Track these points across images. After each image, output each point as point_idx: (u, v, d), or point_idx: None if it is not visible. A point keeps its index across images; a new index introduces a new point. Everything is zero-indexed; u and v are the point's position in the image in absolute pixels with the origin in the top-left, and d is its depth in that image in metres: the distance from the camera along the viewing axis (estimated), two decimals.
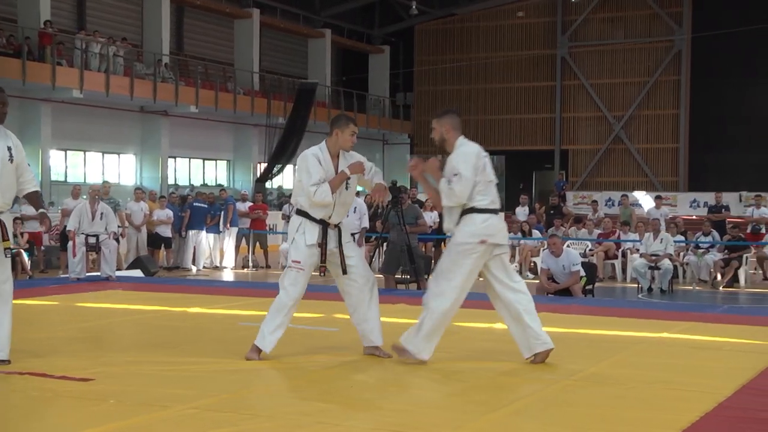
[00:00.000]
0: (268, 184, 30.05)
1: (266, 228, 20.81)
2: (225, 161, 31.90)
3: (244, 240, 20.15)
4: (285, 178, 33.56)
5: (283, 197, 28.01)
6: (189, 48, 31.17)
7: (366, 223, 13.96)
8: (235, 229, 19.58)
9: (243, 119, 30.61)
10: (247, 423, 4.62)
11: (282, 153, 29.58)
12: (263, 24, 32.86)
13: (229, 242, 19.50)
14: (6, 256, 6.20)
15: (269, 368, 6.06)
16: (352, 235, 13.71)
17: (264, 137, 30.11)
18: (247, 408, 4.95)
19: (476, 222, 6.18)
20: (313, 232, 6.39)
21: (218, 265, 19.40)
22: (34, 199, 6.57)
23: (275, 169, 30.07)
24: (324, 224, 6.43)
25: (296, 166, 6.51)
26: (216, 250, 19.46)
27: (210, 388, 5.42)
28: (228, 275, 18.41)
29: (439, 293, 6.24)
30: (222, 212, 19.33)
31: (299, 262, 6.40)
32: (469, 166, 6.17)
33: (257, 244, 20.13)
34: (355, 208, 13.91)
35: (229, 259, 19.49)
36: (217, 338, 7.32)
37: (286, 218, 12.91)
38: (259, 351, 6.34)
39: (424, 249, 16.87)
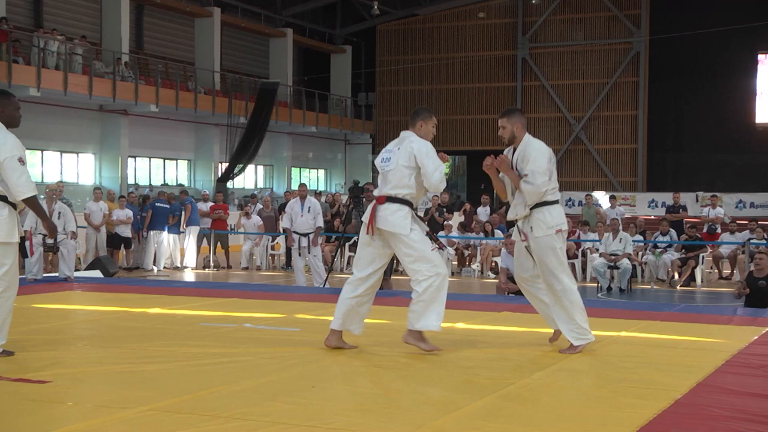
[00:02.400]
0: (229, 184, 29.91)
1: (227, 228, 20.72)
2: (186, 161, 31.69)
3: (205, 240, 20.06)
4: (246, 178, 33.42)
5: (246, 197, 27.83)
6: (149, 46, 30.92)
7: (320, 223, 13.94)
8: (195, 229, 19.48)
9: (204, 119, 30.43)
10: (206, 424, 4.59)
11: (243, 153, 29.46)
12: (224, 23, 32.71)
13: (190, 242, 19.40)
14: None
15: (229, 369, 6.03)
16: (307, 235, 13.80)
17: (225, 137, 29.97)
18: (206, 409, 4.92)
19: (553, 213, 6.79)
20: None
21: (179, 265, 19.28)
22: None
23: (236, 169, 29.94)
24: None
25: (419, 153, 6.62)
26: (177, 251, 19.35)
27: (169, 390, 5.38)
28: (189, 275, 18.30)
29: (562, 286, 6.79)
30: (182, 212, 19.22)
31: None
32: (546, 161, 6.76)
33: (218, 244, 20.04)
34: (309, 207, 13.87)
35: (190, 260, 19.39)
36: (177, 339, 7.27)
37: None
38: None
39: None
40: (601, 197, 27.01)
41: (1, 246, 6.42)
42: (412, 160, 6.62)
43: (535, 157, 6.74)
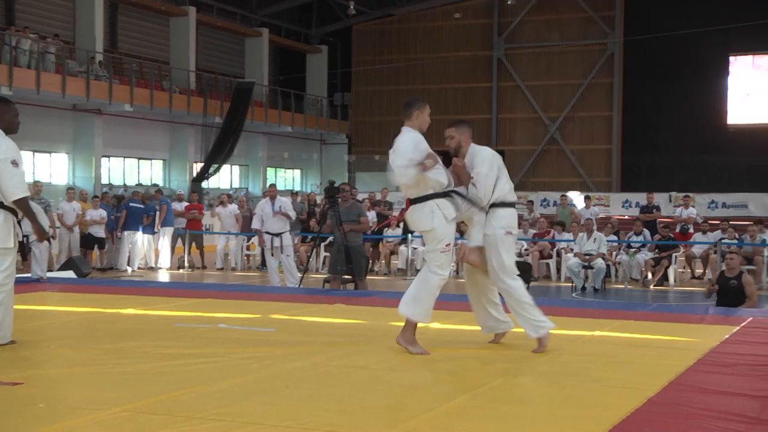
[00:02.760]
0: (204, 184, 29.79)
1: (202, 228, 20.64)
2: (160, 161, 31.54)
3: (179, 240, 19.97)
4: (221, 178, 33.31)
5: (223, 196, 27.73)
6: (123, 45, 30.76)
7: (293, 215, 13.94)
8: (170, 230, 19.40)
9: (179, 118, 30.31)
10: (181, 425, 4.58)
11: (218, 153, 29.33)
12: (199, 22, 32.59)
13: (164, 242, 19.31)
14: None
15: (204, 369, 6.01)
16: (279, 235, 13.79)
17: (200, 137, 29.83)
18: (181, 410, 4.90)
19: (506, 215, 6.99)
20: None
21: (153, 265, 19.18)
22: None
23: (212, 169, 29.81)
24: None
25: (396, 147, 6.69)
26: (151, 251, 19.25)
27: (143, 390, 5.36)
28: (163, 276, 18.22)
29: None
30: (156, 212, 19.13)
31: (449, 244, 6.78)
32: (487, 167, 6.92)
33: (193, 244, 19.97)
34: (280, 207, 13.85)
35: (165, 260, 19.30)
36: (151, 340, 7.24)
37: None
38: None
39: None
40: (576, 197, 27.15)
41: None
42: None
43: (478, 163, 6.93)
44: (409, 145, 6.62)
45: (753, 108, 32.88)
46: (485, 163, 6.90)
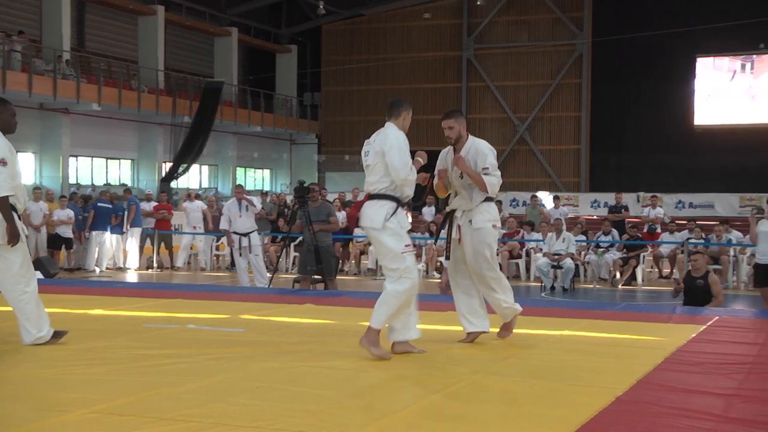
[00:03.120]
0: (173, 184, 29.64)
1: (171, 228, 20.53)
2: (129, 160, 31.33)
3: (148, 240, 19.85)
4: (190, 178, 33.14)
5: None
6: (91, 44, 30.51)
7: (259, 206, 13.93)
8: (138, 230, 19.28)
9: (147, 118, 30.11)
10: (150, 426, 4.55)
11: (188, 152, 29.23)
12: (168, 21, 32.39)
13: (133, 243, 19.18)
14: None
15: (173, 370, 5.98)
16: (247, 234, 13.75)
17: (169, 136, 29.68)
18: (150, 411, 4.87)
19: (492, 209, 7.27)
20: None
21: (122, 266, 19.05)
22: None
23: (181, 169, 29.69)
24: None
25: (389, 144, 6.58)
26: (119, 251, 19.12)
27: (112, 391, 5.32)
28: (132, 276, 18.10)
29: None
30: (125, 212, 19.00)
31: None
32: (494, 158, 7.18)
33: (162, 244, 19.85)
34: (247, 207, 13.81)
35: (133, 260, 19.18)
36: (120, 340, 7.19)
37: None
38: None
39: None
40: (545, 197, 27.30)
41: (3, 247, 6.73)
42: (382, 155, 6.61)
43: (487, 154, 7.11)
44: (404, 143, 6.61)
45: (718, 109, 33.24)
46: (493, 154, 7.15)
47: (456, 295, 7.36)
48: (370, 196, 6.70)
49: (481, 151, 7.12)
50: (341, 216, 17.96)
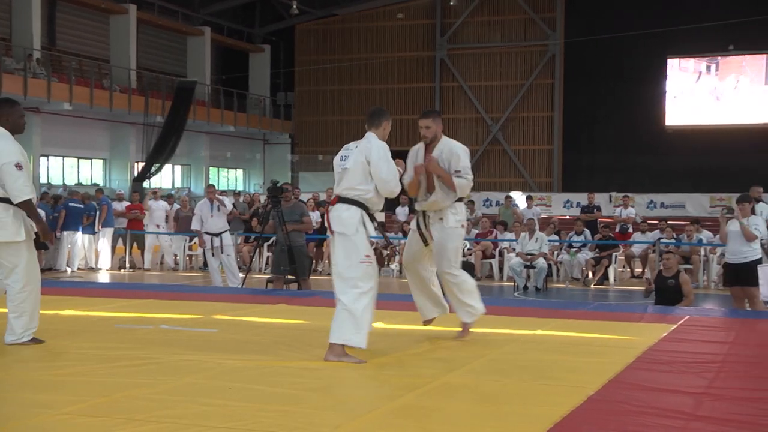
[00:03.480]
0: (146, 184, 29.46)
1: (143, 228, 20.40)
2: (101, 160, 31.11)
3: (120, 240, 19.73)
4: (163, 178, 32.97)
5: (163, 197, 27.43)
6: (62, 43, 30.27)
7: (230, 206, 13.89)
8: (110, 230, 19.15)
9: (120, 117, 29.92)
10: (121, 428, 4.52)
11: (160, 152, 29.07)
12: (140, 20, 32.19)
13: (105, 243, 19.06)
14: None
15: (145, 371, 5.95)
16: (219, 235, 13.70)
17: (141, 136, 29.50)
18: (121, 412, 4.84)
19: (462, 210, 7.37)
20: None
21: (93, 266, 18.92)
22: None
23: (153, 169, 29.52)
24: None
25: (376, 155, 6.56)
26: (91, 251, 18.99)
27: (82, 393, 5.28)
28: (104, 277, 17.98)
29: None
30: (97, 212, 18.87)
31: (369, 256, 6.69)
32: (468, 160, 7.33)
33: (134, 244, 19.74)
34: (218, 207, 13.77)
35: (105, 261, 19.05)
36: (92, 341, 7.14)
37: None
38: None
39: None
40: (518, 197, 27.40)
41: (12, 245, 6.86)
42: (367, 162, 6.59)
43: (461, 156, 7.24)
44: (389, 154, 6.63)
45: (685, 110, 33.53)
46: (466, 157, 7.28)
47: (413, 290, 7.51)
48: (342, 200, 6.65)
49: (455, 153, 7.22)
50: (315, 216, 17.92)
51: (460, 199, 7.32)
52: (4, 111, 6.98)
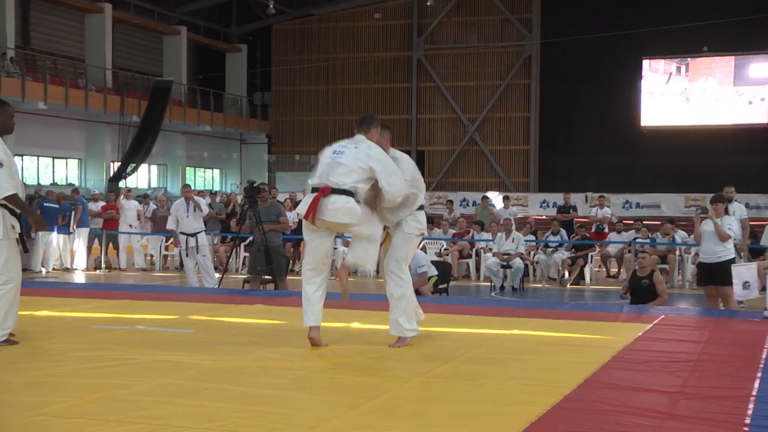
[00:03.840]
0: (121, 184, 29.30)
1: (119, 228, 20.29)
2: (76, 160, 30.91)
3: (96, 241, 19.61)
4: (139, 178, 32.81)
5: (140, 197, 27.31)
6: (36, 42, 30.03)
7: (206, 210, 13.83)
8: (86, 230, 19.03)
9: (95, 117, 29.74)
10: (97, 429, 4.51)
11: (136, 152, 28.94)
12: (116, 19, 32.00)
13: (80, 243, 18.93)
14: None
15: (121, 371, 5.92)
16: (194, 235, 13.64)
17: (117, 135, 29.34)
18: (97, 413, 4.82)
19: (422, 218, 7.21)
20: None
21: (69, 266, 18.79)
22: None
23: (129, 169, 29.37)
24: None
25: (383, 167, 6.70)
26: (66, 252, 18.86)
27: (58, 394, 5.26)
28: (79, 277, 17.87)
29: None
30: (72, 212, 18.75)
31: None
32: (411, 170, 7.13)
33: (110, 244, 19.63)
34: (195, 207, 13.71)
35: (81, 261, 18.93)
36: (67, 342, 7.09)
37: None
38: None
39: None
40: (495, 197, 27.50)
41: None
42: (371, 170, 6.66)
43: (406, 168, 7.01)
44: (394, 166, 6.78)
45: (657, 110, 33.78)
46: (410, 166, 7.08)
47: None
48: (336, 191, 6.65)
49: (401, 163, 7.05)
50: (292, 216, 17.87)
51: (420, 207, 7.20)
52: None
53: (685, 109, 33.58)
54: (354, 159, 6.65)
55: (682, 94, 33.70)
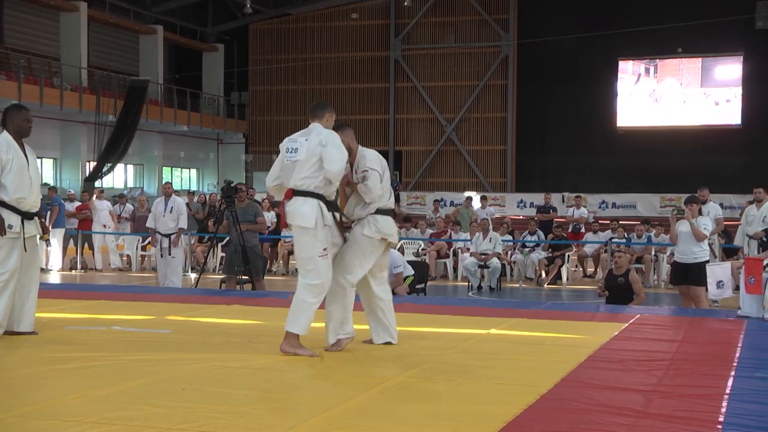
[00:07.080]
0: (97, 184, 29.11)
1: (92, 228, 20.16)
2: (51, 159, 30.68)
3: (72, 241, 19.48)
4: (115, 178, 32.62)
5: (115, 196, 27.13)
6: (10, 40, 29.79)
7: (183, 224, 13.72)
8: (61, 230, 18.89)
9: (70, 116, 29.54)
10: (71, 430, 4.48)
11: (112, 151, 28.77)
12: (91, 18, 31.80)
13: (56, 243, 18.79)
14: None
15: (97, 372, 5.89)
16: (168, 236, 13.58)
17: (93, 135, 29.15)
18: (72, 414, 4.79)
19: (379, 221, 6.88)
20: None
21: (44, 267, 18.65)
22: None
23: (105, 168, 29.20)
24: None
25: (328, 141, 6.55)
26: (42, 252, 18.70)
27: (33, 395, 5.22)
28: (55, 277, 17.74)
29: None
30: (48, 212, 18.59)
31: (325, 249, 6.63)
32: (379, 167, 6.92)
33: (86, 244, 19.51)
34: (172, 208, 13.65)
35: (56, 261, 18.79)
36: (43, 343, 7.04)
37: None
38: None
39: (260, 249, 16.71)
40: (472, 197, 27.57)
41: None
42: (320, 150, 6.54)
43: (371, 162, 6.90)
44: (340, 142, 6.61)
45: (629, 111, 33.99)
46: (377, 162, 6.92)
47: (364, 308, 7.25)
48: (296, 192, 6.64)
49: (362, 164, 6.92)
50: (269, 216, 17.85)
51: (388, 213, 6.97)
52: (8, 116, 7.35)
53: (655, 110, 33.84)
54: (306, 153, 6.58)
55: (650, 95, 33.96)
